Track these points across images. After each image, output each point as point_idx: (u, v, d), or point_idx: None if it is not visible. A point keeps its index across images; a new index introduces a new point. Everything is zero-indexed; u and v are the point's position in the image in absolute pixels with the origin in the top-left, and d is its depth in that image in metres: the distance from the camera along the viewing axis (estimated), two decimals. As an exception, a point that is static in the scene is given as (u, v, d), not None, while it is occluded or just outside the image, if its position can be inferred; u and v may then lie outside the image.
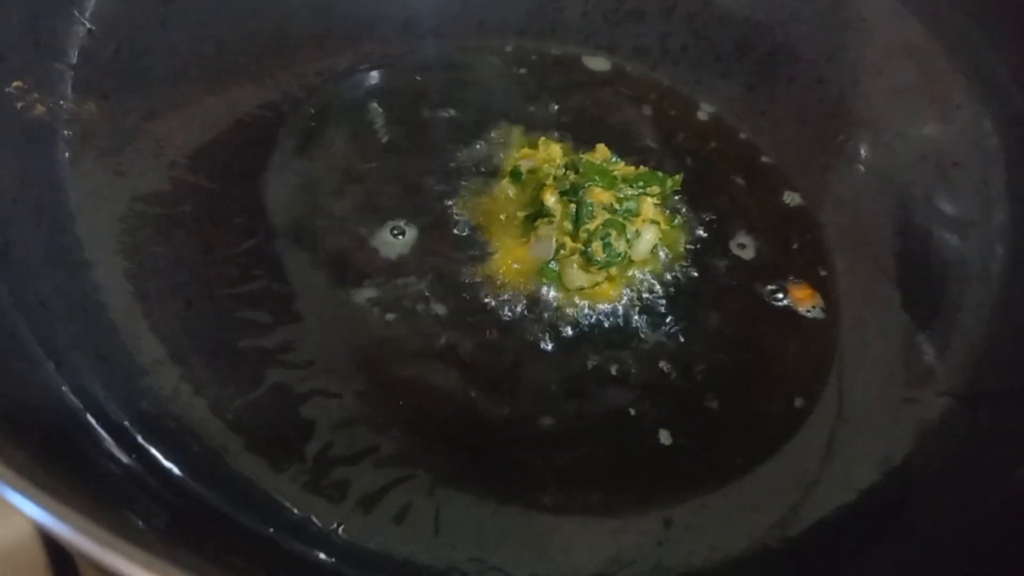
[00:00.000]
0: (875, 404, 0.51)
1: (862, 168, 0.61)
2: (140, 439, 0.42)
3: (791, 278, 0.56)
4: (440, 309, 0.51)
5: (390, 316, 0.50)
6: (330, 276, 0.52)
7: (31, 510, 0.22)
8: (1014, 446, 0.46)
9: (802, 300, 0.56)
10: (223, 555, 0.22)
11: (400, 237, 0.54)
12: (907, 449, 0.49)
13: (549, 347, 0.51)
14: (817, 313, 0.55)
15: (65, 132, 0.49)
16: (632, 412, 0.49)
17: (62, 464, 0.23)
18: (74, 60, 0.50)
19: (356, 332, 0.50)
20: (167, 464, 0.41)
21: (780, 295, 0.56)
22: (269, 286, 0.50)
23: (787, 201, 0.61)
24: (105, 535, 0.22)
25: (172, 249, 0.49)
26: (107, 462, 0.39)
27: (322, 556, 0.40)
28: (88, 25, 0.51)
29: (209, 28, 0.58)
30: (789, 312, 0.55)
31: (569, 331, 0.52)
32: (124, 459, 0.40)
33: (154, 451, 0.41)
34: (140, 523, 0.23)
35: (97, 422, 0.41)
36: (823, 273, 0.57)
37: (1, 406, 0.26)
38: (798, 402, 0.51)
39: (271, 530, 0.40)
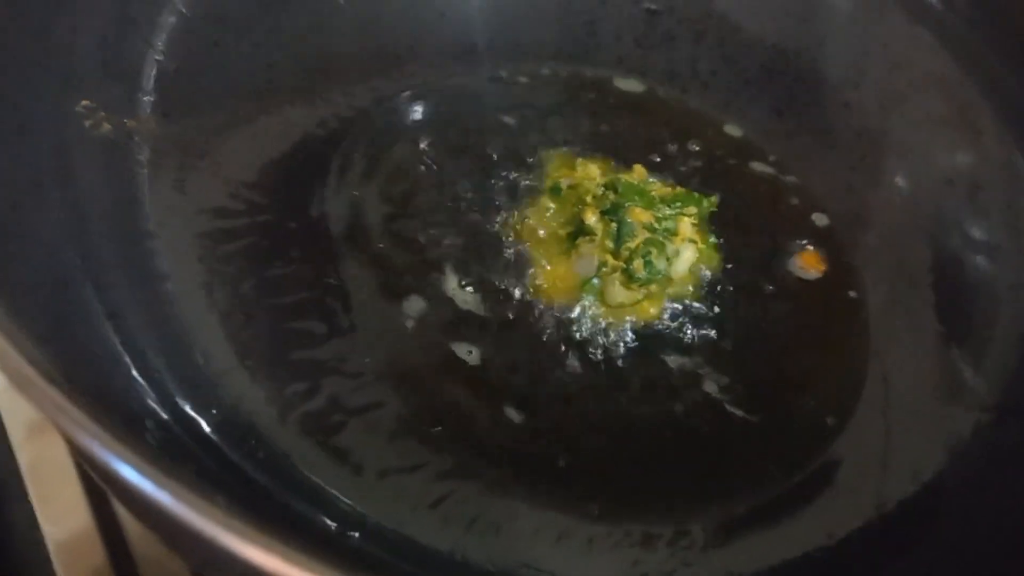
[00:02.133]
0: (908, 419, 0.52)
1: (889, 191, 0.63)
2: (213, 437, 0.44)
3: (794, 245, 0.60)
4: (487, 326, 0.53)
5: (437, 333, 0.52)
6: (377, 290, 0.53)
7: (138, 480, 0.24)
8: (1045, 462, 0.47)
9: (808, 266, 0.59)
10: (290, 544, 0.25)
11: (447, 255, 0.56)
12: (939, 464, 0.50)
13: (594, 363, 0.52)
14: (815, 275, 0.59)
15: (132, 150, 0.51)
16: (675, 426, 0.50)
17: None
18: (139, 81, 0.53)
19: (403, 347, 0.51)
20: (238, 464, 0.43)
21: (811, 314, 0.57)
22: (322, 298, 0.52)
23: (816, 222, 0.63)
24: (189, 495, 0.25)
25: (231, 263, 0.51)
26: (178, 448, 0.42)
27: (384, 553, 0.42)
28: (154, 47, 0.53)
29: (259, 49, 0.60)
30: (822, 330, 0.57)
31: (613, 348, 0.53)
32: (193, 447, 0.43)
33: (226, 450, 0.43)
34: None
35: (171, 419, 0.43)
36: (853, 294, 0.59)
37: (95, 401, 0.28)
38: (830, 419, 0.52)
39: (334, 526, 0.42)
